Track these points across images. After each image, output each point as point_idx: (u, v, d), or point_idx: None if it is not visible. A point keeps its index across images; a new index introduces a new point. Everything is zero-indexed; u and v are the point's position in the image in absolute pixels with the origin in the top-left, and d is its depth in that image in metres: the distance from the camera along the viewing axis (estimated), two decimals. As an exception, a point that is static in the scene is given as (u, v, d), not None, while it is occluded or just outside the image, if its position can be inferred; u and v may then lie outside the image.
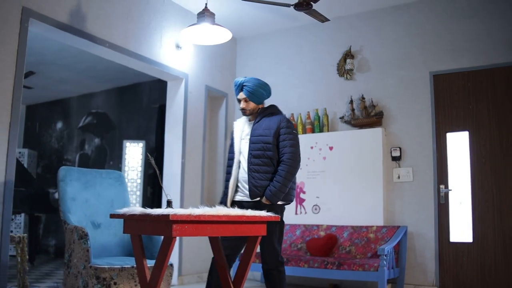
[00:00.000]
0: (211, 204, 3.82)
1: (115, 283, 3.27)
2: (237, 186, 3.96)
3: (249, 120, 4.09)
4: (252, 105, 3.99)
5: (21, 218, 9.68)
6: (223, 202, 4.02)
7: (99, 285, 3.22)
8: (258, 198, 3.82)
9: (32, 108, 10.94)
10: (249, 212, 2.90)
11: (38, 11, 4.75)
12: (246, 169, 3.90)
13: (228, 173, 4.04)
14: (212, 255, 3.77)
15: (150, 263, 3.30)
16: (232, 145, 4.11)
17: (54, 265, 8.39)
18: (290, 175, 3.82)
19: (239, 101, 4.02)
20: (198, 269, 6.53)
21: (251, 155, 3.88)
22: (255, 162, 3.86)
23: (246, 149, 3.96)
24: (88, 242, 3.38)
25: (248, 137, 3.98)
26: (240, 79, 4.02)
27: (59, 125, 10.61)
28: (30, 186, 8.75)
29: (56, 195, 10.00)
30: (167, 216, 2.49)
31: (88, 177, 4.07)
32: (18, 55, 4.57)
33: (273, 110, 4.06)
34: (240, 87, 3.98)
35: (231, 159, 4.07)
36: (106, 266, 3.30)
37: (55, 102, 10.74)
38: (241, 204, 3.84)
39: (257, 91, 3.96)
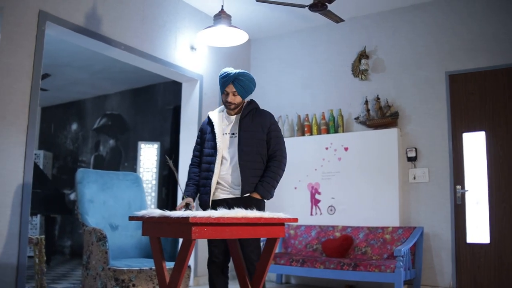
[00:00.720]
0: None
1: (133, 285, 3.28)
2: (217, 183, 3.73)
3: (228, 114, 3.88)
4: (239, 99, 3.79)
5: (37, 219, 9.76)
6: (203, 200, 3.70)
7: (118, 287, 3.24)
8: (248, 194, 3.66)
9: (47, 110, 11.02)
10: (268, 214, 2.90)
11: (54, 14, 4.78)
12: (236, 165, 3.67)
13: (208, 171, 3.73)
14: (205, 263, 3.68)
15: (167, 264, 3.30)
16: (211, 140, 3.80)
17: (70, 266, 8.45)
18: (281, 171, 3.78)
19: (226, 93, 3.77)
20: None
21: (242, 151, 3.69)
22: (246, 159, 3.68)
23: (232, 144, 3.75)
24: (107, 244, 3.39)
25: (233, 132, 3.78)
26: (230, 70, 3.77)
27: (74, 126, 10.68)
28: (45, 187, 8.79)
29: (72, 196, 10.11)
30: (186, 218, 2.50)
31: (106, 179, 4.09)
32: (35, 58, 4.60)
33: (256, 105, 3.95)
34: (231, 80, 3.72)
35: (210, 155, 3.76)
36: (124, 268, 3.31)
37: (70, 103, 10.82)
38: (225, 202, 3.62)
39: (249, 86, 3.79)
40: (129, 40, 5.57)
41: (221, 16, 4.78)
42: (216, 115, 3.90)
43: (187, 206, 3.53)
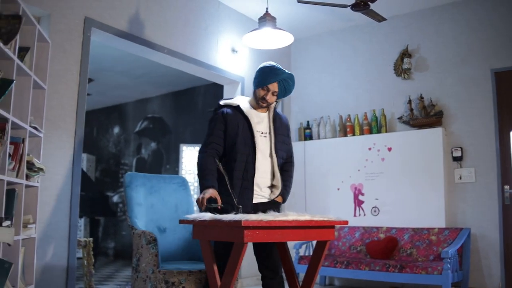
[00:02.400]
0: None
1: (183, 288, 3.31)
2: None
3: (256, 110, 3.56)
4: (274, 99, 3.51)
5: (81, 221, 9.95)
6: (242, 204, 3.24)
7: (168, 289, 3.27)
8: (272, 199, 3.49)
9: (90, 114, 11.18)
10: (318, 217, 2.89)
11: (99, 21, 4.87)
12: (271, 168, 3.46)
13: (246, 171, 3.37)
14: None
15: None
16: (245, 136, 3.42)
17: (114, 267, 8.58)
18: None
19: (266, 90, 3.44)
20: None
21: (278, 155, 3.49)
22: (279, 163, 3.50)
23: (265, 145, 3.47)
24: (157, 247, 3.43)
25: (265, 132, 3.50)
26: (281, 68, 3.49)
27: (116, 130, 10.85)
28: (89, 190, 8.97)
29: (115, 199, 10.26)
30: (239, 222, 2.51)
31: (153, 182, 4.13)
32: (81, 64, 4.69)
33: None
34: (280, 79, 3.43)
35: (246, 154, 3.39)
36: (174, 271, 3.33)
37: (112, 107, 10.99)
38: (256, 207, 3.37)
39: (290, 91, 3.54)
40: (172, 44, 5.63)
41: (266, 18, 4.78)
42: (248, 109, 3.53)
43: (211, 202, 3.15)
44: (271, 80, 3.42)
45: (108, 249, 10.46)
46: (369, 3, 5.08)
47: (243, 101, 3.58)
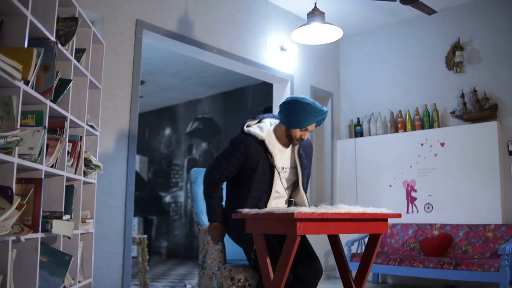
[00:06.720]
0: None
1: (249, 285, 3.28)
2: None
3: (281, 144, 3.37)
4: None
5: (135, 221, 10.16)
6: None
7: (234, 286, 3.26)
8: None
9: (142, 116, 11.40)
10: (371, 210, 2.87)
11: (150, 23, 4.98)
12: (303, 200, 3.39)
13: (256, 206, 3.20)
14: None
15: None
16: (265, 173, 3.26)
17: (167, 266, 8.73)
18: None
19: (304, 130, 3.26)
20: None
21: (303, 188, 3.40)
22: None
23: (287, 177, 3.39)
24: (222, 243, 3.41)
25: (291, 166, 3.38)
26: (319, 107, 3.21)
27: (167, 131, 11.04)
28: (143, 190, 9.14)
29: (167, 199, 10.43)
30: (291, 214, 2.52)
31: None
32: (134, 66, 4.81)
33: None
34: (319, 119, 3.25)
35: (261, 190, 3.26)
36: (240, 267, 3.33)
37: (163, 109, 11.19)
38: None
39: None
40: (221, 43, 5.70)
41: (315, 13, 4.77)
42: (272, 145, 3.31)
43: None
44: (311, 121, 3.22)
45: (160, 248, 10.65)
46: (419, -4, 5.00)
47: (270, 133, 3.34)
